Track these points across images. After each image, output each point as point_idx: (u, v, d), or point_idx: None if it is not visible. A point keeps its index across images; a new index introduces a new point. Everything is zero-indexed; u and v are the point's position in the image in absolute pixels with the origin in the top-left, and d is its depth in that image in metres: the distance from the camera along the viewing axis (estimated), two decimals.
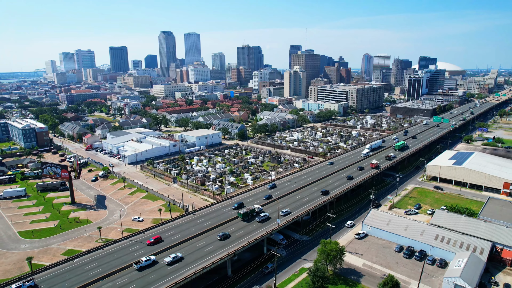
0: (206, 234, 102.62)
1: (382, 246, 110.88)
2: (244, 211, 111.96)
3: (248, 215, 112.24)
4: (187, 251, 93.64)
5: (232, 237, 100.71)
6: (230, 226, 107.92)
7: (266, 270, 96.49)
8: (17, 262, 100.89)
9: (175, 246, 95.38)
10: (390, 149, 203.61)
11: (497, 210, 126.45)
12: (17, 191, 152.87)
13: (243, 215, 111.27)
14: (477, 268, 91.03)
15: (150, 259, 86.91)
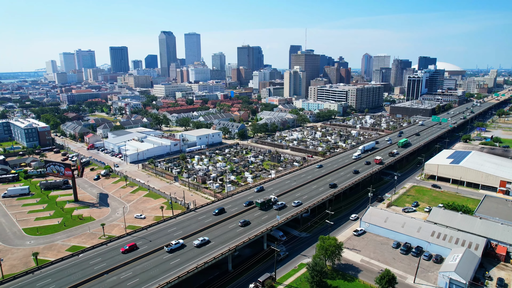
0: (207, 230, 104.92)
1: (379, 242, 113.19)
2: (262, 201, 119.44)
3: (265, 204, 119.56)
4: (188, 247, 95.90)
5: (252, 224, 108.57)
6: (247, 215, 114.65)
7: (279, 257, 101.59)
8: (22, 257, 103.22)
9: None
10: (383, 151, 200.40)
11: (492, 207, 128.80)
12: (21, 189, 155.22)
13: (260, 204, 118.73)
14: (472, 263, 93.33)
15: (179, 242, 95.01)
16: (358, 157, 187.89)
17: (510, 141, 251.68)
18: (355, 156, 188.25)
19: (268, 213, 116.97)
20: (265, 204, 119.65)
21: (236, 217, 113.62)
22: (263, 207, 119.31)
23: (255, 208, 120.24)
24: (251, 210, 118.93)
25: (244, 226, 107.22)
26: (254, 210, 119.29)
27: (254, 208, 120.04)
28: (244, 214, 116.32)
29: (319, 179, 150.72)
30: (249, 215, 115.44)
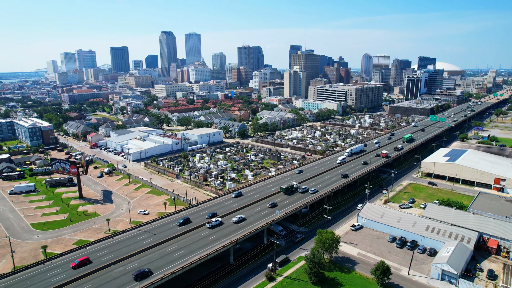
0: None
1: (376, 237, 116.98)
2: (286, 186, 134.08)
3: (289, 189, 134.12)
4: (191, 240, 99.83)
5: (279, 205, 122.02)
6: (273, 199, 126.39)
7: (296, 239, 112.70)
8: (31, 251, 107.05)
9: (182, 235, 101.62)
10: (372, 154, 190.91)
11: (486, 203, 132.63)
12: (27, 186, 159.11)
13: (285, 189, 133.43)
14: (464, 256, 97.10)
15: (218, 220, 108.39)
16: (342, 161, 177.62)
17: (507, 140, 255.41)
18: (339, 160, 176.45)
19: (292, 196, 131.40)
20: (289, 189, 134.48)
21: (265, 199, 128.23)
22: (287, 192, 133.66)
23: (280, 193, 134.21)
24: (277, 194, 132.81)
25: (272, 208, 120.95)
26: (280, 194, 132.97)
27: (279, 193, 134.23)
28: (273, 197, 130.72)
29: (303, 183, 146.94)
30: (275, 199, 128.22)
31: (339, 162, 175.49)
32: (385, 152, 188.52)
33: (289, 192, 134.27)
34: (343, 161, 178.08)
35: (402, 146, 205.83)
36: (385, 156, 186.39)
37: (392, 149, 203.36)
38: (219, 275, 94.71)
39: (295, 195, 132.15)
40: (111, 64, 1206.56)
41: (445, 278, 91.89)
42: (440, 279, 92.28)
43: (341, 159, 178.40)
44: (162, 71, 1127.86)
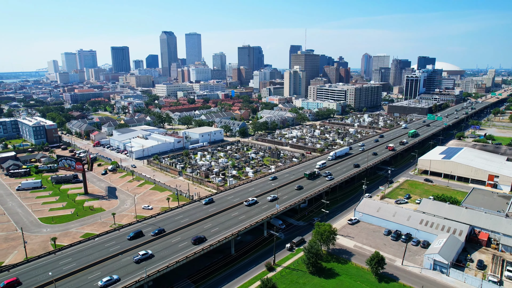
0: (212, 218, 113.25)
1: (372, 230, 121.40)
2: (309, 172, 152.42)
3: (312, 175, 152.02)
4: (195, 232, 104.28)
5: (304, 188, 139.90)
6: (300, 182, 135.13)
7: (313, 222, 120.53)
8: (41, 243, 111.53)
9: (186, 227, 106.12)
10: (357, 157, 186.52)
11: (479, 198, 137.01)
12: (34, 182, 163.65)
13: (308, 175, 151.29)
14: (455, 247, 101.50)
15: (254, 199, 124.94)
16: (323, 166, 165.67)
17: (503, 139, 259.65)
18: (319, 165, 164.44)
19: (316, 181, 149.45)
20: (312, 175, 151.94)
21: (291, 183, 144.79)
22: (310, 177, 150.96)
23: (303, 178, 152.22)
24: (302, 179, 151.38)
25: (299, 190, 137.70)
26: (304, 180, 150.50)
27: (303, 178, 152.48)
28: (299, 181, 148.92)
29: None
30: (301, 182, 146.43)
31: (319, 167, 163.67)
32: (392, 146, 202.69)
33: (312, 177, 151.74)
34: (322, 166, 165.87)
35: (407, 141, 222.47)
36: (392, 149, 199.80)
37: (385, 148, 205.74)
38: (221, 265, 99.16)
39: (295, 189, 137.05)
40: (111, 64, 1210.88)
41: (436, 268, 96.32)
42: (432, 269, 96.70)
43: (321, 164, 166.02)
44: (163, 71, 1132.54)
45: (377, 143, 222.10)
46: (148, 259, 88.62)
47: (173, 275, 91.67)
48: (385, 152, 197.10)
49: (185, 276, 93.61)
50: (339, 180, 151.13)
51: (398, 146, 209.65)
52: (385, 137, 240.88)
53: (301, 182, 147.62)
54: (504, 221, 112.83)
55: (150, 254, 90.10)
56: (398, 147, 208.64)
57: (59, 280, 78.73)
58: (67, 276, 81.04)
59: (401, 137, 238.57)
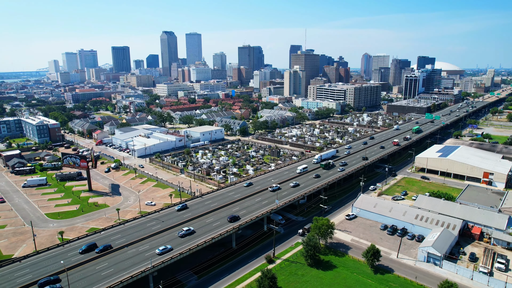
0: (213, 212, 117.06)
1: (369, 225, 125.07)
2: (325, 163, 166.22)
3: (328, 165, 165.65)
4: (198, 225, 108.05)
5: (321, 176, 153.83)
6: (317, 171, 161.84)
7: (324, 211, 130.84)
8: (48, 237, 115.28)
9: (190, 221, 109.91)
10: (345, 159, 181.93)
11: (473, 195, 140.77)
12: (39, 180, 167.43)
13: (324, 165, 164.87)
14: (448, 240, 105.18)
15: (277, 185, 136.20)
16: (304, 170, 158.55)
17: (500, 138, 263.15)
18: (300, 170, 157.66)
19: (331, 171, 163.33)
20: (327, 165, 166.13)
21: (311, 172, 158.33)
22: (326, 167, 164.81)
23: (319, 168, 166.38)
24: (319, 169, 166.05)
25: (316, 178, 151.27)
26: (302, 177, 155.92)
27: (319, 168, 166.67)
28: (317, 170, 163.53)
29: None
30: (318, 171, 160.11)
31: (299, 173, 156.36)
32: (396, 141, 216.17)
33: (328, 167, 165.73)
34: (303, 171, 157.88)
35: (410, 137, 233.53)
36: (396, 144, 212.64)
37: (379, 148, 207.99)
38: (222, 258, 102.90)
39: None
40: (112, 64, 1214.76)
41: (430, 260, 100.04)
42: (426, 261, 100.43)
43: (302, 169, 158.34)
44: (163, 71, 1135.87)
45: (366, 145, 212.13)
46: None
47: (176, 267, 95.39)
48: (374, 154, 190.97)
49: (188, 268, 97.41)
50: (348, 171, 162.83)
51: (402, 142, 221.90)
52: (376, 138, 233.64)
53: (300, 178, 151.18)
54: (496, 216, 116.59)
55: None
56: (402, 142, 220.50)
57: (70, 269, 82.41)
58: (76, 266, 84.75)
59: (393, 138, 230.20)
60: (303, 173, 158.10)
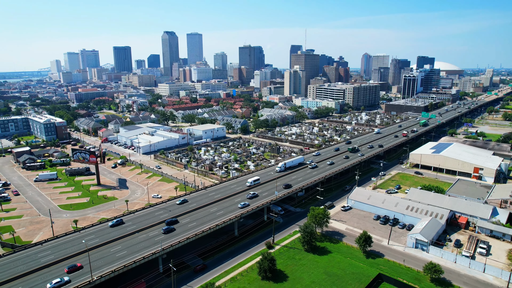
0: (217, 203, 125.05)
1: (363, 216, 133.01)
2: (352, 147, 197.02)
3: (354, 149, 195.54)
4: (203, 215, 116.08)
5: (350, 158, 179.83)
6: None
7: (345, 189, 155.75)
8: (63, 226, 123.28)
9: (194, 211, 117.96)
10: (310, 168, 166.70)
11: (462, 188, 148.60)
12: (50, 174, 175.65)
13: (351, 149, 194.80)
14: (436, 228, 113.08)
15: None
16: (254, 183, 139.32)
17: (494, 136, 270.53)
18: (250, 183, 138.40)
19: (355, 154, 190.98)
20: (354, 150, 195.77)
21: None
22: (352, 151, 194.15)
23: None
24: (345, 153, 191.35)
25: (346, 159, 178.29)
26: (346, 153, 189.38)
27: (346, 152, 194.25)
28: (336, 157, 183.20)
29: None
30: (299, 173, 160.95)
31: (249, 185, 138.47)
32: (405, 133, 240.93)
33: (354, 151, 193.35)
34: (254, 183, 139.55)
35: (417, 129, 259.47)
36: (405, 136, 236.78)
37: (367, 148, 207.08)
38: (226, 244, 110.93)
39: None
40: (113, 64, 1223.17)
41: (418, 246, 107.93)
42: (414, 247, 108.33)
43: (252, 182, 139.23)
44: (164, 71, 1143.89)
45: (337, 152, 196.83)
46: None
47: (183, 251, 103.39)
48: (341, 163, 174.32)
49: (194, 253, 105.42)
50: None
51: (410, 133, 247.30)
52: (353, 143, 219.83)
53: (299, 173, 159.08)
54: (481, 207, 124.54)
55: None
56: (410, 134, 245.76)
57: (90, 250, 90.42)
58: (93, 249, 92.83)
59: (372, 142, 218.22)
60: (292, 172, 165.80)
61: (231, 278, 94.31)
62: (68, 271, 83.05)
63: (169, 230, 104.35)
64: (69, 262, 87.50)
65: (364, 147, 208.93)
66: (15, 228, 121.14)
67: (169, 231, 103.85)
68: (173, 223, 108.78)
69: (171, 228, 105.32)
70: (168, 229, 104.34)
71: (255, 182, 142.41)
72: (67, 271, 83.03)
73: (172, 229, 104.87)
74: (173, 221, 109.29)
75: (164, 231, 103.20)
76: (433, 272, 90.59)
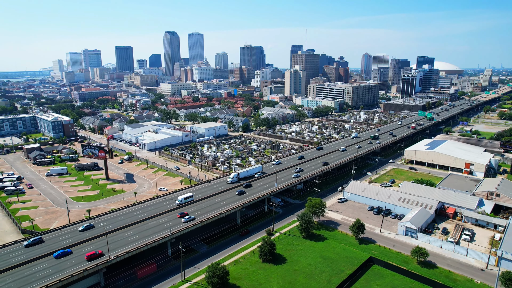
0: (222, 194, 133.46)
1: (358, 207, 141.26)
2: (373, 135, 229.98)
3: (375, 137, 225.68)
4: (207, 204, 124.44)
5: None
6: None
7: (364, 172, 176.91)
8: (76, 215, 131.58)
9: (200, 201, 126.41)
10: (272, 177, 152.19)
11: (452, 182, 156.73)
12: (60, 169, 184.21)
13: (373, 137, 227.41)
14: (424, 217, 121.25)
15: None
16: (185, 201, 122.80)
17: (488, 134, 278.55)
18: (180, 201, 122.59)
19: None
20: (375, 137, 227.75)
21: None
22: (374, 139, 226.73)
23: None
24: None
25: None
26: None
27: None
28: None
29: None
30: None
31: (179, 203, 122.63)
32: (414, 125, 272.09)
33: (375, 139, 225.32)
34: (185, 201, 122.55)
35: (423, 123, 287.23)
36: (414, 128, 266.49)
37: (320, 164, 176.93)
38: (229, 231, 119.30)
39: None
40: (115, 63, 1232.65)
41: (408, 233, 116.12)
42: (404, 234, 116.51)
43: (182, 200, 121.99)
44: (166, 70, 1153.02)
45: (300, 160, 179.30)
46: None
47: (189, 237, 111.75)
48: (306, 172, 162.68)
49: (199, 239, 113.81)
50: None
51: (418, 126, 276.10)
52: (325, 148, 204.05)
53: (298, 167, 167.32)
54: (468, 198, 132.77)
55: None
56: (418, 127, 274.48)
57: (109, 233, 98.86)
58: (109, 233, 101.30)
59: (350, 147, 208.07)
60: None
61: (234, 261, 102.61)
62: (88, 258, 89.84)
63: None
64: (85, 245, 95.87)
65: (352, 147, 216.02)
66: (32, 218, 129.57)
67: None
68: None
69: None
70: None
71: (186, 200, 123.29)
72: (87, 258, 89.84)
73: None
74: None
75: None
76: (419, 255, 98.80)
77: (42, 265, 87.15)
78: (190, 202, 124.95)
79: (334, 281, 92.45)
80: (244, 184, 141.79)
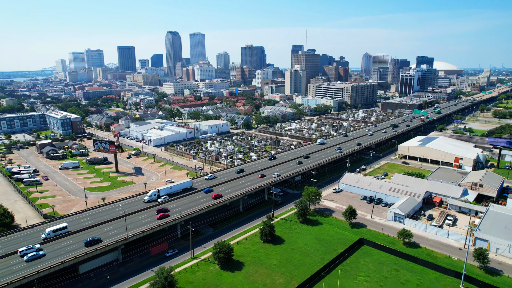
0: (225, 184, 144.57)
1: (352, 197, 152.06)
2: (394, 123, 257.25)
3: (395, 126, 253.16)
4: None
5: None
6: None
7: (362, 167, 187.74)
8: (91, 203, 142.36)
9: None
10: (197, 194, 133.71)
11: (441, 174, 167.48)
12: (73, 163, 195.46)
13: (393, 125, 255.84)
14: (412, 205, 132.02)
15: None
16: (53, 235, 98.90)
17: (481, 131, 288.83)
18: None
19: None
20: (395, 126, 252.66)
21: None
22: (394, 127, 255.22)
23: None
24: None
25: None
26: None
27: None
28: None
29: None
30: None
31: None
32: (423, 118, 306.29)
33: (395, 126, 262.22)
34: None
35: (430, 117, 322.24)
36: (422, 120, 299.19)
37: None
38: (232, 217, 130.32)
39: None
40: (117, 63, 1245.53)
41: (396, 219, 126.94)
42: (393, 220, 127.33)
43: (49, 232, 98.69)
44: (168, 70, 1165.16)
45: (239, 174, 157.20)
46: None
47: (196, 221, 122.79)
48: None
49: (205, 223, 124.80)
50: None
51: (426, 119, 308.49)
52: (278, 158, 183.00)
53: (295, 162, 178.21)
54: (454, 188, 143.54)
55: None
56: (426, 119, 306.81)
57: (125, 216, 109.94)
58: (123, 217, 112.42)
59: (312, 154, 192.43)
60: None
61: (237, 242, 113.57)
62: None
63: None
64: (104, 225, 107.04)
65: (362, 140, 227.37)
66: (52, 205, 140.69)
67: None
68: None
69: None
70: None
71: (54, 233, 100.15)
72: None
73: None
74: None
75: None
76: (404, 236, 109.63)
77: (68, 241, 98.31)
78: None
79: (327, 258, 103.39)
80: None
